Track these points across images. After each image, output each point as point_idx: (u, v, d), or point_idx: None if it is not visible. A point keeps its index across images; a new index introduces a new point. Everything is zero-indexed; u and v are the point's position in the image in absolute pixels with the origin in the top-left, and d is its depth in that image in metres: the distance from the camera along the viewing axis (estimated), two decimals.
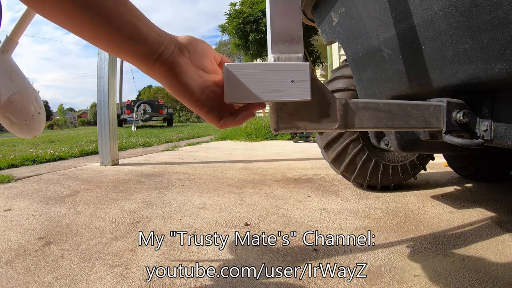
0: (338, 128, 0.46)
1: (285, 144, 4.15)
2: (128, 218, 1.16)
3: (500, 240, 0.90)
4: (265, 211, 1.22)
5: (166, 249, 0.88)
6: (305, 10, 1.13)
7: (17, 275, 0.74)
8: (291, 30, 0.39)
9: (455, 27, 0.55)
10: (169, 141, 4.88)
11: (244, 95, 0.37)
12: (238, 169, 2.21)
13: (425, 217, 1.12)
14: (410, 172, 1.45)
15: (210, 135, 6.16)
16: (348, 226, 1.04)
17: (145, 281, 0.71)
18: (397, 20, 0.69)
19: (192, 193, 1.52)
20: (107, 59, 2.43)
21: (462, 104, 0.58)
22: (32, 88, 0.82)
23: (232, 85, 0.37)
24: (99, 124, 2.51)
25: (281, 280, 0.71)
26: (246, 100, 0.37)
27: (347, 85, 1.37)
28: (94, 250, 0.88)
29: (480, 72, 0.54)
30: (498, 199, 1.31)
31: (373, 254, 0.83)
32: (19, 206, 1.33)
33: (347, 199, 1.37)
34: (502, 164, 1.61)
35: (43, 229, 1.05)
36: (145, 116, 11.98)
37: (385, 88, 0.83)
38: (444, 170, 1.98)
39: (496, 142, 0.59)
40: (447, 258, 0.80)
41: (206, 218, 1.15)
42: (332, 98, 0.45)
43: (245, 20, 6.13)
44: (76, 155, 3.16)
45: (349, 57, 0.98)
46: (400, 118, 0.51)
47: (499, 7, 0.46)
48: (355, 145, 1.39)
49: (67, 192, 1.58)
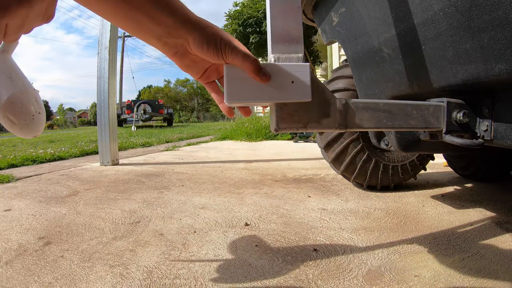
0: (338, 128, 0.46)
1: (285, 144, 4.15)
2: (128, 218, 1.16)
3: (500, 240, 0.90)
4: (265, 211, 1.22)
5: (166, 249, 0.88)
6: (305, 10, 1.13)
7: (17, 275, 0.74)
8: (291, 30, 0.39)
9: (455, 27, 0.55)
10: (169, 141, 4.88)
11: (244, 96, 0.37)
12: (238, 169, 2.21)
13: (425, 217, 1.12)
14: (410, 172, 1.45)
15: (210, 135, 6.16)
16: (348, 226, 1.04)
17: (145, 281, 0.71)
18: (397, 20, 0.69)
19: (192, 193, 1.52)
20: (107, 59, 2.42)
21: (462, 104, 0.58)
22: (32, 88, 0.82)
23: (232, 86, 0.37)
24: (99, 124, 2.51)
25: (281, 280, 0.71)
26: (246, 101, 0.37)
27: (347, 85, 1.37)
28: (94, 250, 0.88)
29: (480, 72, 0.54)
30: (498, 199, 1.31)
31: (373, 254, 0.83)
32: (19, 206, 1.33)
33: (347, 199, 1.37)
34: (502, 164, 1.61)
35: (43, 229, 1.05)
36: (145, 116, 11.99)
37: (385, 88, 0.83)
38: (444, 170, 1.98)
39: (496, 142, 0.59)
40: (447, 258, 0.80)
41: (206, 218, 1.15)
42: (332, 98, 0.45)
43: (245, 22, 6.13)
44: (76, 155, 3.16)
45: (349, 57, 0.98)
46: (400, 118, 0.51)
47: (499, 7, 0.46)
48: (355, 145, 1.39)
49: (67, 192, 1.58)
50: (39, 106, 0.83)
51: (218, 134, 5.86)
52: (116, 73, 2.58)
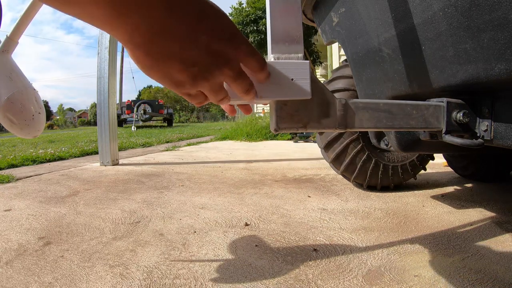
0: (338, 128, 0.46)
1: (285, 144, 4.15)
2: (128, 218, 1.16)
3: (500, 240, 0.90)
4: (265, 211, 1.22)
5: (166, 249, 0.88)
6: (305, 10, 1.13)
7: (17, 275, 0.74)
8: (291, 30, 0.39)
9: (455, 27, 0.55)
10: (169, 141, 4.88)
11: None
12: (238, 169, 2.21)
13: (425, 217, 1.12)
14: (410, 172, 1.45)
15: (210, 135, 6.16)
16: (348, 226, 1.04)
17: (145, 281, 0.71)
18: (397, 20, 0.69)
19: (192, 193, 1.52)
20: (107, 59, 2.43)
21: (462, 104, 0.58)
22: (32, 88, 0.82)
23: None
24: (99, 124, 2.51)
25: (281, 280, 0.71)
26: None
27: (347, 85, 1.37)
28: (94, 250, 0.88)
29: (480, 72, 0.54)
30: (498, 199, 1.31)
31: (373, 254, 0.83)
32: (19, 206, 1.33)
33: (347, 199, 1.37)
34: (502, 164, 1.61)
35: (43, 229, 1.05)
36: (145, 116, 11.98)
37: (385, 88, 0.83)
38: (444, 170, 1.98)
39: (496, 142, 0.59)
40: (447, 258, 0.80)
41: (206, 218, 1.15)
42: (332, 98, 0.45)
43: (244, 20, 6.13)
44: (76, 155, 3.16)
45: (349, 57, 0.98)
46: (400, 118, 0.51)
47: (499, 7, 0.46)
48: (355, 145, 1.39)
49: (67, 192, 1.58)
50: (39, 106, 0.83)
51: (218, 134, 5.86)
52: (116, 73, 2.58)
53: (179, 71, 0.28)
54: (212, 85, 0.31)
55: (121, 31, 0.25)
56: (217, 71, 0.29)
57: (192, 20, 0.26)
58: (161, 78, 0.28)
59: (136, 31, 0.25)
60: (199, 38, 0.27)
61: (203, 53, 0.28)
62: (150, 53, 0.26)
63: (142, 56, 0.27)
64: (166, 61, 0.27)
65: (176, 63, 0.27)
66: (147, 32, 0.25)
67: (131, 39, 0.26)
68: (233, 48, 0.29)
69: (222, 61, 0.29)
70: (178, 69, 0.27)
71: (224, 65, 0.29)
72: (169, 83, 0.29)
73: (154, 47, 0.26)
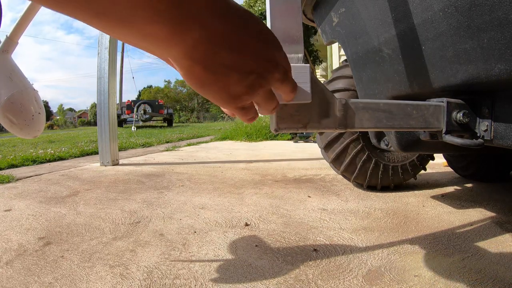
0: (338, 128, 0.46)
1: (285, 144, 4.15)
2: (128, 218, 1.16)
3: (500, 240, 0.90)
4: (265, 211, 1.22)
5: (166, 249, 0.88)
6: (305, 10, 1.13)
7: (17, 275, 0.74)
8: (291, 30, 0.40)
9: (455, 27, 0.55)
10: (169, 141, 4.88)
11: None
12: (238, 169, 2.21)
13: (425, 217, 1.12)
14: (410, 172, 1.45)
15: (210, 135, 6.16)
16: (348, 226, 1.04)
17: (145, 281, 0.71)
18: (397, 20, 0.69)
19: (192, 193, 1.52)
20: (107, 60, 2.43)
21: (462, 104, 0.58)
22: (32, 88, 0.82)
23: None
24: (99, 124, 2.51)
25: (281, 280, 0.71)
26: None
27: (347, 85, 1.37)
28: (94, 250, 0.88)
29: (480, 72, 0.54)
30: (498, 199, 1.31)
31: (373, 254, 0.83)
32: (19, 206, 1.33)
33: (347, 199, 1.37)
34: (502, 164, 1.61)
35: (43, 229, 1.05)
36: (145, 116, 11.99)
37: (385, 88, 0.83)
38: (444, 170, 1.98)
39: (496, 142, 0.59)
40: (447, 258, 0.80)
41: (206, 218, 1.15)
42: (332, 98, 0.45)
43: None
44: (76, 155, 3.16)
45: (349, 57, 0.98)
46: (400, 118, 0.51)
47: (499, 7, 0.46)
48: (355, 145, 1.39)
49: (67, 192, 1.58)
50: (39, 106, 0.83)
51: (218, 134, 5.86)
52: (116, 73, 2.58)
53: (237, 82, 0.26)
54: (266, 92, 0.30)
55: (178, 48, 0.23)
56: (270, 76, 0.28)
57: (241, 26, 0.25)
58: (217, 92, 0.27)
59: (197, 46, 0.23)
60: (249, 44, 0.25)
61: (257, 59, 0.26)
62: (209, 66, 0.24)
63: (201, 71, 0.24)
64: (225, 72, 0.25)
65: (235, 73, 0.25)
66: (208, 44, 0.23)
67: (190, 55, 0.24)
68: (278, 50, 0.28)
69: (274, 65, 0.28)
70: (237, 79, 0.26)
71: (275, 68, 0.28)
72: (226, 97, 0.27)
73: (214, 59, 0.24)
